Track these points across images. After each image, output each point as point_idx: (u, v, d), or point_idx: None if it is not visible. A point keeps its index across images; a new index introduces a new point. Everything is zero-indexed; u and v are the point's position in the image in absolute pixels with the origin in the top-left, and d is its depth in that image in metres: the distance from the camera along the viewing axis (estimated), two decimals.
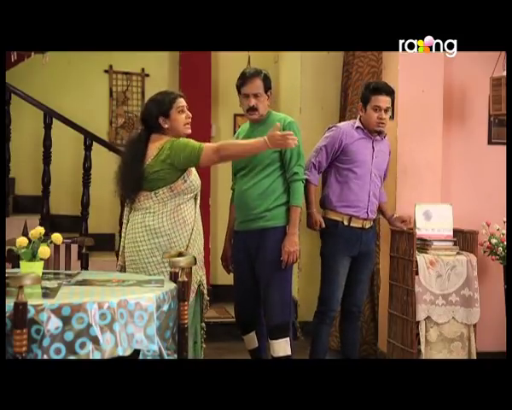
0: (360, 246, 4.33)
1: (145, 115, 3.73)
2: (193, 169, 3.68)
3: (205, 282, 3.73)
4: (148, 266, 3.57)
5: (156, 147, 3.62)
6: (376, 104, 4.27)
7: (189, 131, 3.71)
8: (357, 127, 4.35)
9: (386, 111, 4.28)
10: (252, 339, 4.21)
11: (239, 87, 4.10)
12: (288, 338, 4.01)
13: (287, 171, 4.03)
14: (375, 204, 4.38)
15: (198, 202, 3.73)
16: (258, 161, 4.03)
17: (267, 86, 4.07)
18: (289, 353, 4.00)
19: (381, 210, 4.59)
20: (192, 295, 3.55)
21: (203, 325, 3.71)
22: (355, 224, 4.31)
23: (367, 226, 4.34)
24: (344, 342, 4.49)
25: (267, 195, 4.02)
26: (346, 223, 4.30)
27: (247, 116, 4.14)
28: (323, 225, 4.28)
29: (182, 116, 3.68)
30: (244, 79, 4.06)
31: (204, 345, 3.73)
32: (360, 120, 4.38)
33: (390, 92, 4.33)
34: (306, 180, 4.19)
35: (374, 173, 4.34)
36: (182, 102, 3.69)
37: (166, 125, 3.65)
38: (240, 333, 4.24)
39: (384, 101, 4.27)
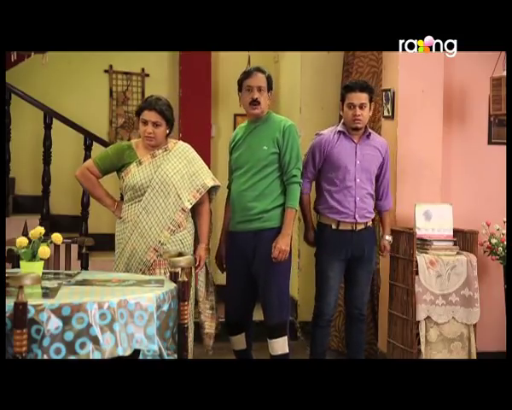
0: (352, 248, 4.30)
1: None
2: (134, 169, 3.91)
3: None
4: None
5: None
6: (350, 101, 4.27)
7: (151, 143, 3.94)
8: (339, 131, 4.34)
9: (361, 107, 4.26)
10: (240, 340, 4.19)
11: (241, 81, 4.08)
12: (286, 337, 4.04)
13: (284, 173, 4.04)
14: (364, 209, 4.31)
15: (148, 201, 3.89)
16: (255, 162, 4.03)
17: (269, 85, 4.09)
18: (287, 351, 4.04)
19: (380, 220, 4.55)
20: None
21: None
22: (344, 227, 4.29)
23: (358, 228, 4.31)
24: (348, 344, 4.49)
25: (264, 196, 4.02)
26: (334, 227, 4.29)
27: (248, 111, 4.11)
28: (313, 246, 4.38)
29: (143, 128, 3.95)
30: (248, 72, 4.09)
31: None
32: (343, 121, 4.38)
33: (365, 88, 4.30)
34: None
35: (359, 179, 4.30)
36: (146, 114, 3.94)
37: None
38: (228, 333, 4.21)
39: (357, 97, 4.25)
